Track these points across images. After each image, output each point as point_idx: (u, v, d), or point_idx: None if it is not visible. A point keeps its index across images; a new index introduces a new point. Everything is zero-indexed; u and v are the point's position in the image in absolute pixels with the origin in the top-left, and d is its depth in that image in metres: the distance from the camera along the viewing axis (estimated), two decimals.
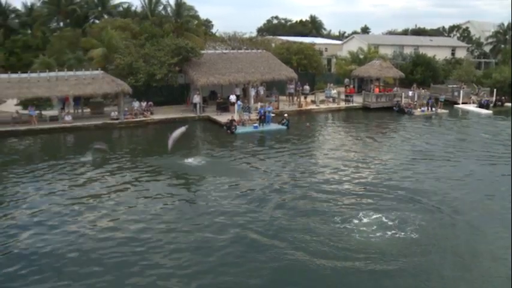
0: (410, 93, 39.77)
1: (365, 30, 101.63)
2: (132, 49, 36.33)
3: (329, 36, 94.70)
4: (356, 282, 11.19)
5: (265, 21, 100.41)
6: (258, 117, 29.79)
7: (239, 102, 31.54)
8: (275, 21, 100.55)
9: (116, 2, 59.21)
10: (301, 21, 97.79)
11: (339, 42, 71.70)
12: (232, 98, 33.14)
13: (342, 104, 38.54)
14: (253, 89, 35.75)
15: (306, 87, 39.31)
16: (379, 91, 39.19)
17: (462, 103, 40.14)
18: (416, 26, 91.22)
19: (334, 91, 39.33)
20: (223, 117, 30.84)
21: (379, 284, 11.14)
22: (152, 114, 32.21)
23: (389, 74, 42.08)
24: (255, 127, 29.12)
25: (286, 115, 30.41)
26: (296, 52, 44.71)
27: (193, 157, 21.93)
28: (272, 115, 30.68)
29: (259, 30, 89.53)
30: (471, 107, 39.33)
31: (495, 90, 41.62)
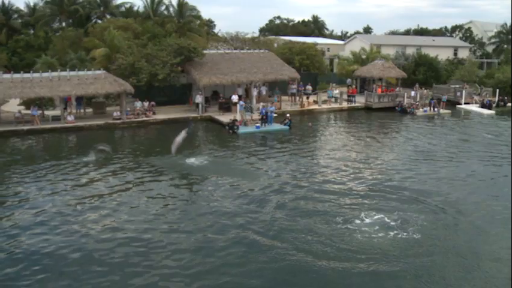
0: (413, 93, 39.74)
1: (367, 31, 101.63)
2: (134, 49, 36.40)
3: (331, 36, 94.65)
4: (358, 283, 11.16)
5: (267, 21, 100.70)
6: (260, 117, 29.80)
7: (241, 102, 31.52)
8: (277, 21, 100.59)
9: (118, 2, 59.55)
10: (303, 21, 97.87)
11: (341, 43, 71.69)
12: (235, 98, 33.15)
13: (344, 104, 38.54)
14: (255, 89, 35.76)
15: (308, 87, 39.32)
16: (382, 91, 39.14)
17: (464, 103, 40.07)
18: (418, 26, 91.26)
19: (337, 91, 39.29)
20: (225, 117, 30.85)
21: (381, 285, 11.12)
22: (154, 114, 32.24)
23: (391, 74, 42.02)
24: (257, 127, 29.11)
25: (288, 115, 30.39)
26: (298, 52, 44.77)
27: (196, 157, 21.94)
28: (274, 115, 30.68)
29: (262, 30, 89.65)
30: (473, 107, 39.25)
31: (498, 90, 41.52)
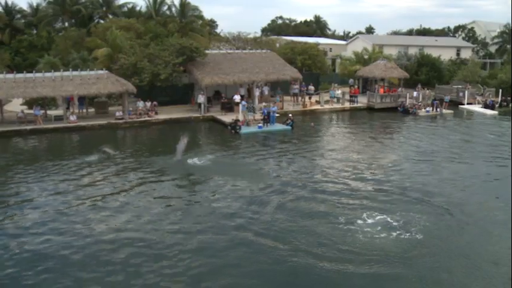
0: (415, 93, 39.65)
1: (369, 31, 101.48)
2: (136, 49, 36.43)
3: (333, 36, 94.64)
4: (361, 285, 11.07)
5: (269, 21, 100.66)
6: (262, 118, 29.78)
7: (243, 102, 31.51)
8: (279, 21, 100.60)
9: (121, 2, 59.70)
10: (305, 21, 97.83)
11: (344, 43, 71.66)
12: (237, 98, 33.13)
13: (347, 105, 38.51)
14: (257, 89, 35.74)
15: (311, 88, 39.28)
16: (384, 91, 39.08)
17: (467, 104, 39.98)
18: (421, 26, 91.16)
19: (339, 91, 39.26)
20: (227, 117, 30.85)
21: (385, 287, 11.05)
22: (157, 114, 32.27)
23: (394, 74, 41.93)
24: (260, 127, 29.09)
25: (290, 115, 30.37)
26: (300, 52, 44.73)
27: (198, 157, 21.92)
28: (276, 115, 30.66)
29: (264, 30, 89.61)
30: (476, 108, 39.16)
31: (500, 90, 41.42)
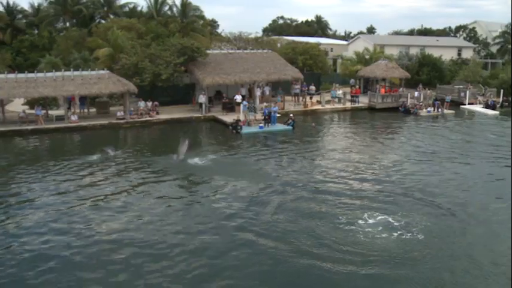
0: (416, 93, 39.61)
1: (371, 31, 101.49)
2: (137, 49, 36.45)
3: (335, 36, 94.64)
4: (364, 286, 11.01)
5: (270, 21, 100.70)
6: (263, 118, 29.75)
7: (245, 102, 31.50)
8: (281, 21, 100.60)
9: (122, 2, 59.70)
10: (306, 21, 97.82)
11: (345, 43, 71.66)
12: (238, 98, 33.12)
13: (348, 105, 38.47)
14: (258, 89, 35.74)
15: (312, 88, 39.27)
16: (385, 91, 39.05)
17: (468, 104, 39.96)
18: (422, 26, 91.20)
19: (340, 91, 39.24)
20: (228, 117, 30.86)
21: None
22: (158, 114, 32.29)
23: (395, 74, 41.94)
24: (261, 127, 29.08)
25: (291, 115, 30.36)
26: (302, 52, 44.75)
27: (199, 157, 21.90)
28: (277, 115, 30.66)
29: (265, 30, 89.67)
30: (477, 108, 39.12)
31: (502, 91, 41.38)
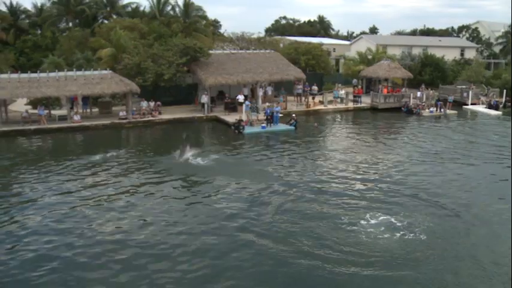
0: (419, 93, 39.60)
1: (373, 31, 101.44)
2: (140, 49, 36.49)
3: (337, 36, 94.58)
4: (364, 287, 10.98)
5: (273, 22, 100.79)
6: (265, 118, 29.75)
7: (247, 103, 31.51)
8: (283, 21, 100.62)
9: (125, 2, 59.73)
10: (309, 21, 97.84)
11: (347, 43, 71.58)
12: (240, 98, 33.15)
13: (350, 105, 38.45)
14: (261, 89, 35.76)
15: (314, 88, 39.28)
16: (388, 92, 39.03)
17: (471, 104, 39.88)
18: (425, 26, 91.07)
19: (342, 91, 39.22)
20: (231, 117, 30.87)
21: None
22: (160, 114, 32.32)
23: (397, 74, 41.90)
24: (263, 127, 29.09)
25: (294, 115, 30.36)
26: (304, 52, 44.74)
27: (201, 157, 21.91)
28: (280, 115, 30.66)
29: (268, 31, 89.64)
30: (480, 108, 39.05)
31: (505, 91, 41.24)
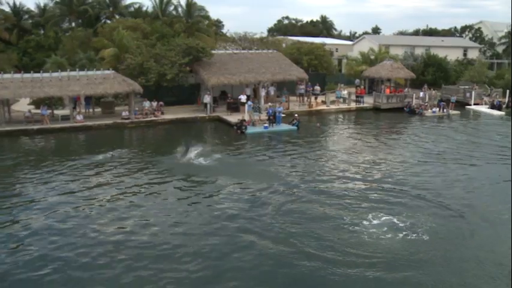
0: (421, 94, 39.51)
1: (376, 31, 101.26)
2: (143, 49, 36.55)
3: (340, 36, 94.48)
4: None
5: (275, 22, 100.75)
6: (267, 118, 29.74)
7: (249, 103, 31.52)
8: (286, 21, 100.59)
9: (127, 2, 59.96)
10: (311, 21, 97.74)
11: (350, 43, 71.54)
12: (243, 98, 33.15)
13: (353, 105, 38.41)
14: (263, 89, 35.76)
15: (317, 88, 39.24)
16: (390, 92, 38.97)
17: (474, 104, 39.80)
18: (427, 26, 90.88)
19: (345, 92, 39.18)
20: (233, 118, 30.87)
21: None
22: (163, 114, 32.36)
23: (400, 74, 41.81)
24: (265, 127, 29.08)
25: (296, 115, 30.36)
26: (307, 52, 44.71)
27: (204, 157, 21.90)
28: (282, 115, 30.65)
29: (270, 31, 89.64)
30: (483, 108, 38.96)
31: (508, 91, 41.14)
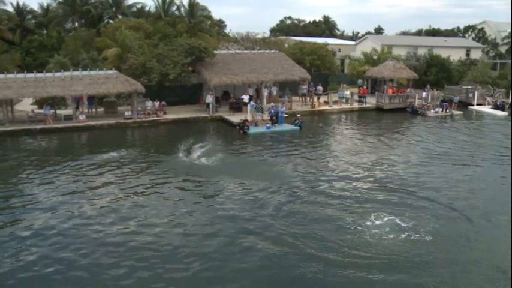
0: (424, 94, 39.44)
1: (378, 31, 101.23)
2: (145, 49, 36.58)
3: (342, 36, 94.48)
4: None
5: (278, 22, 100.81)
6: (270, 118, 29.72)
7: (252, 103, 31.52)
8: (288, 21, 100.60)
9: (130, 2, 59.97)
10: (314, 21, 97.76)
11: (352, 43, 71.49)
12: (245, 98, 33.15)
13: (355, 105, 38.35)
14: (266, 89, 35.75)
15: (319, 88, 39.23)
16: (393, 92, 38.91)
17: (477, 104, 39.71)
18: (430, 26, 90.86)
19: (347, 92, 39.14)
20: (236, 118, 30.89)
21: None
22: (165, 113, 32.39)
23: (402, 75, 41.76)
24: (268, 127, 29.08)
25: (299, 116, 30.34)
26: (309, 52, 44.73)
27: (206, 157, 21.91)
28: (285, 115, 30.64)
29: (272, 31, 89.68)
30: (486, 109, 38.86)
31: (511, 91, 41.04)
